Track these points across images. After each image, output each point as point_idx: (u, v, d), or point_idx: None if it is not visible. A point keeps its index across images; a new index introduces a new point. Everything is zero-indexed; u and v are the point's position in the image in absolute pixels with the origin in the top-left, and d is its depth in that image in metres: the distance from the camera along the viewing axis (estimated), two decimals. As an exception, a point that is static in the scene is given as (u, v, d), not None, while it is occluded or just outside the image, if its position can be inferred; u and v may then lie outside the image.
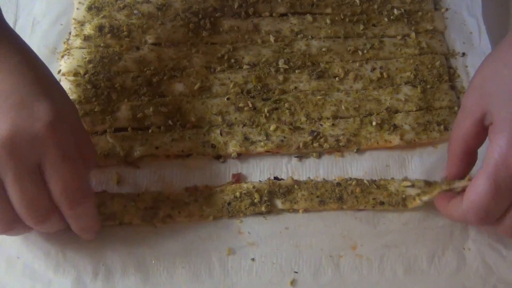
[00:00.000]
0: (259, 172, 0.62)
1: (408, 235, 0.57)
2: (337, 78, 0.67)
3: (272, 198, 0.59)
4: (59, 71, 0.66)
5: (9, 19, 0.52)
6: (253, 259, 0.56)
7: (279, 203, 0.59)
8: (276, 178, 0.61)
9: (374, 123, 0.63)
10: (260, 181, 0.61)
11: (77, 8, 0.71)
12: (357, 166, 0.62)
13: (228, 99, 0.64)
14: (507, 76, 0.50)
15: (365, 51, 0.69)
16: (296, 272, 0.55)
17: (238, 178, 0.61)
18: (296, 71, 0.67)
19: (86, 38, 0.68)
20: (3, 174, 0.47)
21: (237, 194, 0.59)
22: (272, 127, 0.63)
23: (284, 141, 0.62)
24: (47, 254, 0.56)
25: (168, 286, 0.55)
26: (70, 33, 0.70)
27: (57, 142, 0.48)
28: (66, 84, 0.65)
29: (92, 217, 0.53)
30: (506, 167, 0.48)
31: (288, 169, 0.62)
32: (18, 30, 0.69)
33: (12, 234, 0.53)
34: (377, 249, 0.57)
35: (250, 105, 0.64)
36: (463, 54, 0.70)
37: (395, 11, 0.72)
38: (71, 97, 0.64)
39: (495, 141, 0.49)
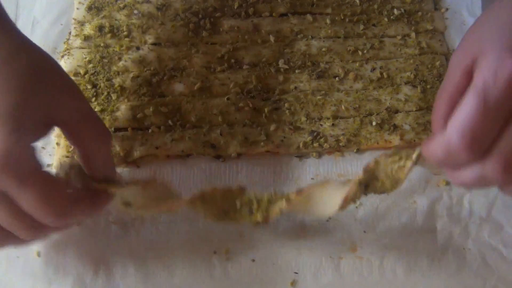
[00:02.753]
0: (259, 171, 0.62)
1: (408, 237, 0.57)
2: (337, 78, 0.67)
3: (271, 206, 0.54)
4: (59, 71, 0.67)
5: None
6: (253, 260, 0.56)
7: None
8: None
9: (374, 123, 0.63)
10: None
11: (77, 8, 0.71)
12: (357, 166, 0.62)
13: (228, 99, 0.64)
14: (500, 20, 0.45)
15: (365, 51, 0.69)
16: (296, 273, 0.55)
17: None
18: (296, 71, 0.67)
19: (86, 38, 0.68)
20: None
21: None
22: (272, 127, 0.63)
23: (284, 141, 0.62)
24: (47, 253, 0.56)
25: (168, 286, 0.55)
26: (70, 33, 0.70)
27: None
28: (66, 84, 0.65)
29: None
30: (495, 81, 0.41)
31: (288, 169, 0.62)
32: (18, 30, 0.70)
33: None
34: (377, 251, 0.57)
35: (250, 105, 0.64)
36: (463, 54, 0.70)
37: (395, 11, 0.72)
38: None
39: (484, 59, 0.43)
